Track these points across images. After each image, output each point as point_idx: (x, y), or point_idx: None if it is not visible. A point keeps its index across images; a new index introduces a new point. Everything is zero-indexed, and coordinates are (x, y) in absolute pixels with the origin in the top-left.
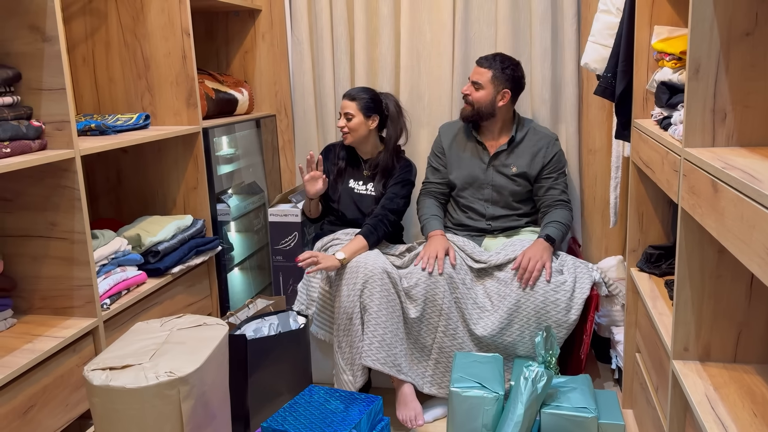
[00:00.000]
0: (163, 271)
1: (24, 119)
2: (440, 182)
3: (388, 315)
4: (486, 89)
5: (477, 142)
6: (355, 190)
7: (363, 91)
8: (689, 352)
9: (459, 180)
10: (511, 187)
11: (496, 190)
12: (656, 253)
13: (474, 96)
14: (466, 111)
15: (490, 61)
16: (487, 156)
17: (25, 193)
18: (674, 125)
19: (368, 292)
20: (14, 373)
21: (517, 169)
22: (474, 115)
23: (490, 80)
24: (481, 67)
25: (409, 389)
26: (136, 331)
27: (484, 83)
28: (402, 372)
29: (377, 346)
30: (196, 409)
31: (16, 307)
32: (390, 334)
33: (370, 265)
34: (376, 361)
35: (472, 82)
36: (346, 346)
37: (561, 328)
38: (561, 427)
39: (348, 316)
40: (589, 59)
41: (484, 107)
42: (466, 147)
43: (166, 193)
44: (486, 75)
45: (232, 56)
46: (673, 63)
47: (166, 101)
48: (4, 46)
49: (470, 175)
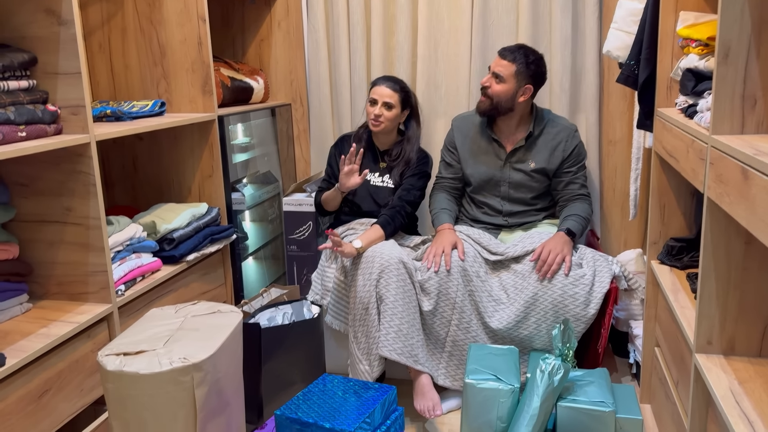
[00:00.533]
0: (177, 258)
1: (40, 103)
2: (453, 177)
3: (404, 305)
4: (508, 83)
5: (492, 140)
6: (371, 183)
7: (401, 82)
8: (713, 345)
9: (474, 179)
10: (529, 184)
11: (513, 187)
12: (678, 246)
13: (494, 89)
14: (483, 105)
15: (514, 53)
16: (504, 153)
17: (41, 178)
18: (700, 113)
19: (384, 282)
20: (29, 358)
21: (535, 164)
22: (491, 109)
23: (513, 74)
24: (504, 59)
25: (426, 379)
26: (151, 317)
27: (506, 77)
28: (419, 362)
29: (394, 337)
30: (209, 395)
31: (32, 292)
32: (407, 324)
33: (386, 254)
34: (393, 351)
35: (493, 74)
36: (362, 336)
37: (579, 322)
38: (577, 421)
39: (364, 306)
40: (611, 47)
41: (504, 102)
42: (481, 144)
43: (182, 180)
44: (509, 69)
45: (248, 44)
46: (700, 49)
47: (181, 88)
48: (20, 29)
49: (486, 173)
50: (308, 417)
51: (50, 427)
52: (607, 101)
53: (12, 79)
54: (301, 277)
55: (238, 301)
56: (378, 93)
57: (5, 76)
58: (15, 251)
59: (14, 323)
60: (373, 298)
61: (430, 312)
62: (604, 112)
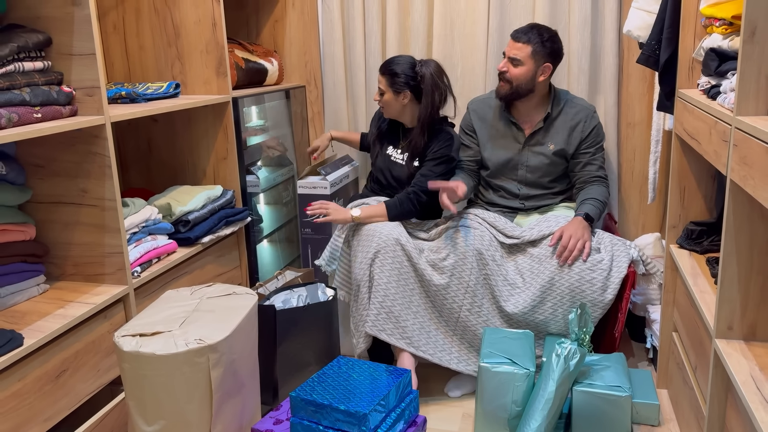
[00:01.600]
0: (193, 240)
1: (55, 85)
2: (471, 160)
3: (398, 287)
4: (526, 65)
5: (511, 123)
6: (391, 157)
7: (396, 65)
8: (733, 330)
9: (492, 163)
10: (547, 167)
11: (530, 171)
12: (698, 230)
13: (512, 73)
14: (503, 89)
15: (528, 34)
16: (523, 137)
17: (57, 159)
18: (724, 93)
19: (379, 262)
20: (47, 338)
21: (554, 146)
22: (512, 93)
23: (530, 55)
24: (518, 41)
25: (408, 360)
26: (167, 298)
27: (523, 59)
28: (412, 345)
29: (384, 317)
30: (225, 376)
31: (49, 273)
32: (399, 306)
33: (384, 235)
34: (382, 331)
35: (509, 59)
36: (355, 311)
37: (596, 307)
38: (593, 406)
39: (357, 283)
40: (632, 26)
41: (524, 84)
42: (499, 128)
43: (196, 163)
44: (525, 50)
45: (262, 25)
46: (724, 28)
47: (196, 70)
48: (34, 9)
49: (504, 157)
50: (323, 399)
51: (67, 406)
52: (627, 83)
53: (27, 60)
54: (315, 259)
55: (253, 284)
56: (378, 78)
57: (20, 57)
58: (32, 232)
59: (32, 304)
60: (366, 277)
61: (442, 287)
62: (623, 94)
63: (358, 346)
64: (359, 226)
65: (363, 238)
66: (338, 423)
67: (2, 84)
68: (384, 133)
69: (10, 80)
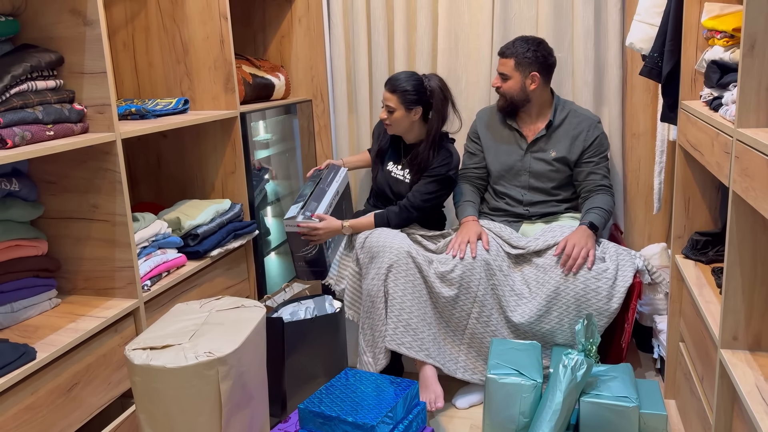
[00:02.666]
0: (202, 253)
1: (66, 102)
2: (477, 167)
3: (413, 299)
4: (513, 78)
5: (513, 130)
6: (392, 174)
7: (406, 81)
8: (738, 341)
9: (495, 168)
10: (550, 173)
11: (534, 177)
12: (703, 240)
13: (503, 87)
14: (500, 103)
15: (510, 48)
16: (525, 143)
17: (68, 175)
18: (725, 106)
19: (393, 277)
20: (59, 352)
21: (556, 153)
22: (509, 105)
23: (514, 68)
24: (502, 57)
25: (431, 372)
26: (176, 312)
27: (509, 72)
28: (431, 356)
29: (402, 331)
30: (234, 389)
31: (60, 287)
32: (416, 318)
33: (396, 249)
34: (401, 345)
35: (499, 74)
36: (368, 328)
37: (602, 316)
38: (600, 417)
39: (371, 299)
40: (634, 39)
41: (516, 95)
42: (503, 134)
43: (205, 177)
44: (509, 64)
45: (269, 41)
46: (725, 41)
47: (204, 86)
48: (47, 30)
49: (507, 163)
50: (331, 411)
51: (79, 419)
52: (631, 94)
53: (40, 79)
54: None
55: (261, 296)
56: (383, 97)
57: (33, 76)
58: (44, 247)
59: (44, 318)
60: (381, 292)
61: (450, 299)
62: (627, 105)
63: (378, 363)
64: (366, 242)
65: (374, 254)
66: None
67: (16, 103)
68: (384, 150)
69: (24, 99)
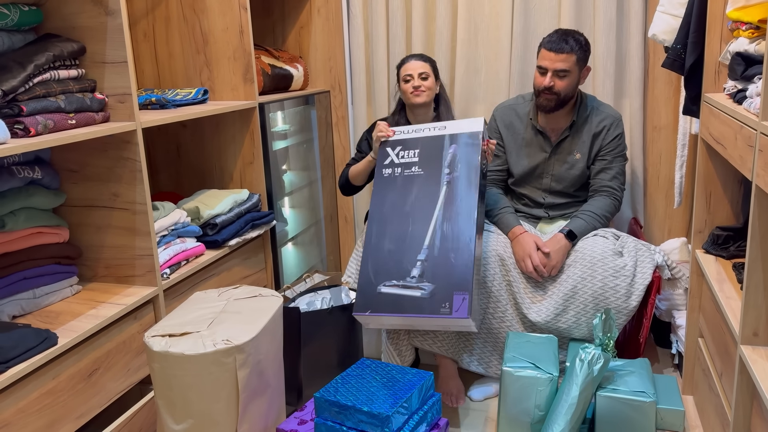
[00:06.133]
0: (220, 243)
1: (88, 92)
2: (500, 169)
3: None
4: (572, 74)
5: (538, 132)
6: None
7: (426, 55)
8: (759, 337)
9: (517, 171)
10: (572, 176)
11: (556, 180)
12: (724, 235)
13: (559, 86)
14: (550, 102)
15: (568, 43)
16: (549, 145)
17: (90, 164)
18: (750, 98)
19: None
20: (80, 338)
21: (580, 155)
22: (559, 105)
23: (575, 64)
24: (561, 52)
25: (452, 367)
26: (195, 300)
27: (570, 68)
28: (445, 349)
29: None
30: (251, 377)
31: (81, 274)
32: None
33: None
34: (423, 341)
35: (555, 72)
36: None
37: (620, 314)
38: (617, 411)
39: None
40: (657, 30)
41: (570, 93)
42: (526, 136)
43: (224, 167)
44: (570, 60)
45: (288, 31)
46: (750, 32)
47: (223, 76)
48: (69, 19)
49: (530, 166)
50: (347, 400)
51: (99, 404)
52: (653, 86)
53: (62, 69)
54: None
55: (278, 286)
56: (411, 68)
57: (56, 65)
58: (65, 235)
59: (65, 304)
60: None
61: None
62: (648, 98)
63: (403, 361)
64: None
65: None
66: (361, 424)
67: (39, 92)
68: None
69: (46, 88)
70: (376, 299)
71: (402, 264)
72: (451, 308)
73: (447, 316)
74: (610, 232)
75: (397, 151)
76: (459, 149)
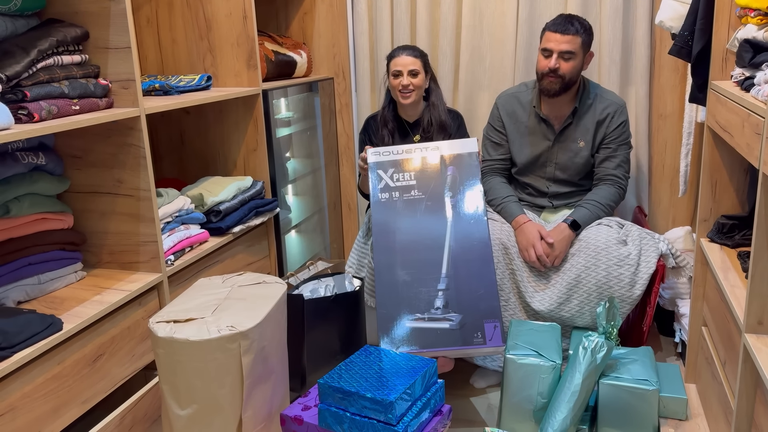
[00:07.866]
0: (224, 230)
1: (92, 77)
2: (503, 158)
3: None
4: (577, 57)
5: (541, 120)
6: None
7: (417, 48)
8: (763, 325)
9: (520, 160)
10: (576, 165)
11: (560, 169)
12: (729, 224)
13: (564, 68)
14: (555, 85)
15: (572, 25)
16: (552, 134)
17: (93, 150)
18: (758, 86)
19: None
20: (84, 323)
21: (584, 143)
22: (563, 88)
23: (580, 46)
24: (566, 34)
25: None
26: (199, 286)
27: (576, 50)
28: None
29: None
30: (255, 363)
31: (86, 260)
32: None
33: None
34: None
35: (560, 53)
36: None
37: (624, 303)
38: (620, 399)
39: None
40: (664, 17)
41: (574, 77)
42: (529, 124)
43: (227, 154)
44: (576, 42)
45: (291, 18)
46: (759, 19)
47: (227, 63)
48: (72, 4)
49: (533, 154)
50: (350, 386)
51: (104, 389)
52: (659, 74)
53: (65, 54)
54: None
55: (282, 273)
56: (401, 63)
57: (59, 50)
58: (70, 221)
59: (70, 290)
60: None
61: None
62: (654, 85)
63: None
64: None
65: None
66: (365, 410)
67: (42, 77)
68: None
69: (50, 73)
70: (403, 336)
71: (421, 295)
72: (484, 338)
73: (481, 345)
74: (614, 220)
75: (390, 174)
76: (458, 171)
